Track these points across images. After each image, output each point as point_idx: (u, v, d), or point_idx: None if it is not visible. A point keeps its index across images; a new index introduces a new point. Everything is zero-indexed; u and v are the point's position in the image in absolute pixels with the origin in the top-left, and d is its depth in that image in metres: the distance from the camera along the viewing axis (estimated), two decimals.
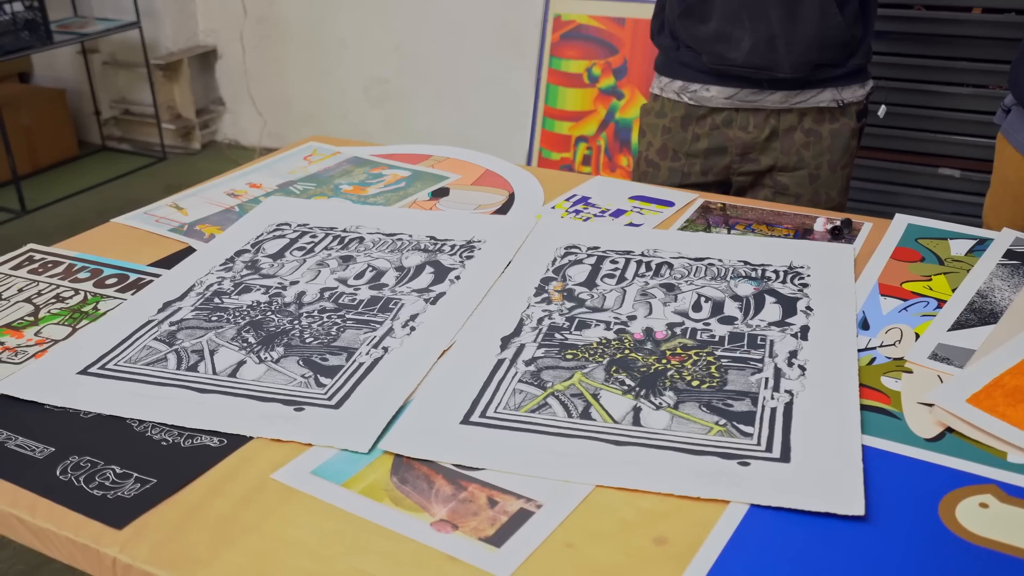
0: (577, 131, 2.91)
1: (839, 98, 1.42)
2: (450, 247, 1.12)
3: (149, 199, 1.39)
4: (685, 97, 1.48)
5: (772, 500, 0.67)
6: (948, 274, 1.02)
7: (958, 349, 0.87)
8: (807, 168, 1.45)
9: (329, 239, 1.15)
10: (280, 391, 0.83)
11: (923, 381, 0.83)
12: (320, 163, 1.44)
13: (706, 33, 1.40)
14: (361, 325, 0.95)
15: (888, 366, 0.85)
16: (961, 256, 1.06)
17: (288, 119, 3.77)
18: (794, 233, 1.15)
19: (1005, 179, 1.30)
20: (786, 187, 1.47)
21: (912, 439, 0.75)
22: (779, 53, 1.36)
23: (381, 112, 3.51)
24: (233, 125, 4.00)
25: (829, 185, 1.47)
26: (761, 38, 1.36)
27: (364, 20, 3.37)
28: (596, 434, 0.76)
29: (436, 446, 0.75)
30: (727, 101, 1.44)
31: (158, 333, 0.94)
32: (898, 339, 0.90)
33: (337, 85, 3.58)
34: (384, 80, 3.44)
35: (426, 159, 1.45)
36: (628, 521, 0.67)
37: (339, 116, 3.62)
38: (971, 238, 1.10)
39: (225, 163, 3.78)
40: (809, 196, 1.46)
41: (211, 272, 1.07)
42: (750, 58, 1.37)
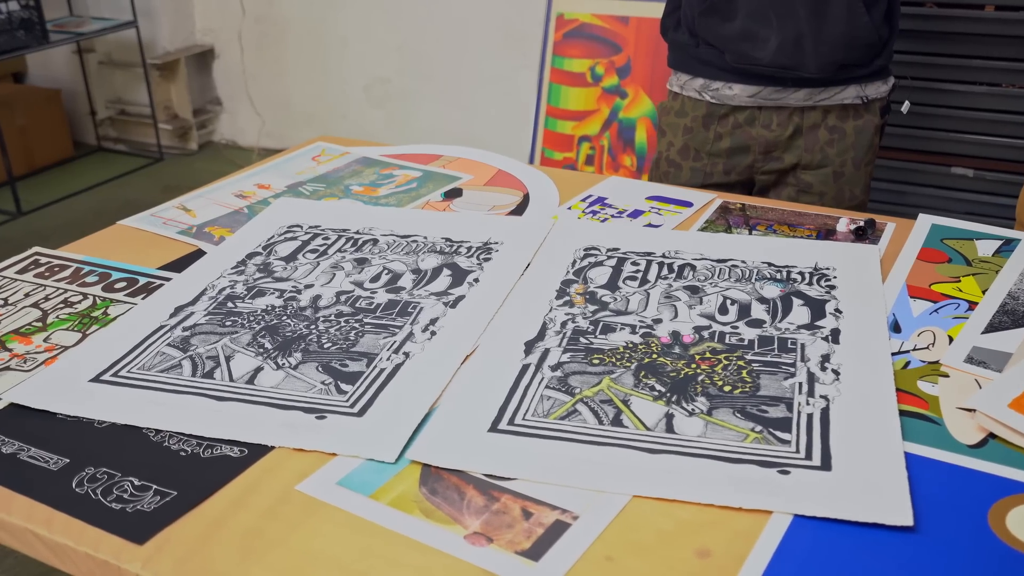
0: (580, 131, 2.89)
1: (863, 95, 1.40)
2: (467, 249, 1.10)
3: (147, 200, 1.36)
4: (707, 95, 1.45)
5: (817, 510, 0.65)
6: (976, 275, 1.00)
7: (994, 352, 0.85)
8: (831, 166, 1.43)
9: (342, 241, 1.13)
10: (300, 399, 0.81)
11: (961, 385, 0.81)
12: (329, 164, 1.41)
13: (731, 31, 1.38)
14: (380, 330, 0.92)
15: (923, 370, 0.83)
16: (988, 257, 1.04)
17: (287, 119, 3.75)
18: (817, 234, 1.13)
19: None
20: (810, 185, 1.45)
21: (954, 445, 0.73)
22: (806, 52, 1.34)
23: (382, 112, 3.48)
24: (231, 125, 3.97)
25: (853, 183, 1.45)
26: (788, 37, 1.34)
27: (366, 19, 3.34)
28: (630, 442, 0.74)
29: (465, 455, 0.73)
30: (750, 99, 1.42)
31: (171, 339, 0.92)
32: (931, 342, 0.88)
33: (338, 85, 3.55)
34: (386, 80, 3.41)
35: (436, 159, 1.43)
36: (669, 532, 0.64)
37: (339, 116, 3.59)
38: (997, 238, 1.09)
39: (223, 164, 3.75)
40: (833, 194, 1.44)
41: (223, 276, 1.05)
42: (777, 57, 1.35)
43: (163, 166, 3.86)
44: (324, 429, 0.77)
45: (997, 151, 2.04)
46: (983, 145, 2.04)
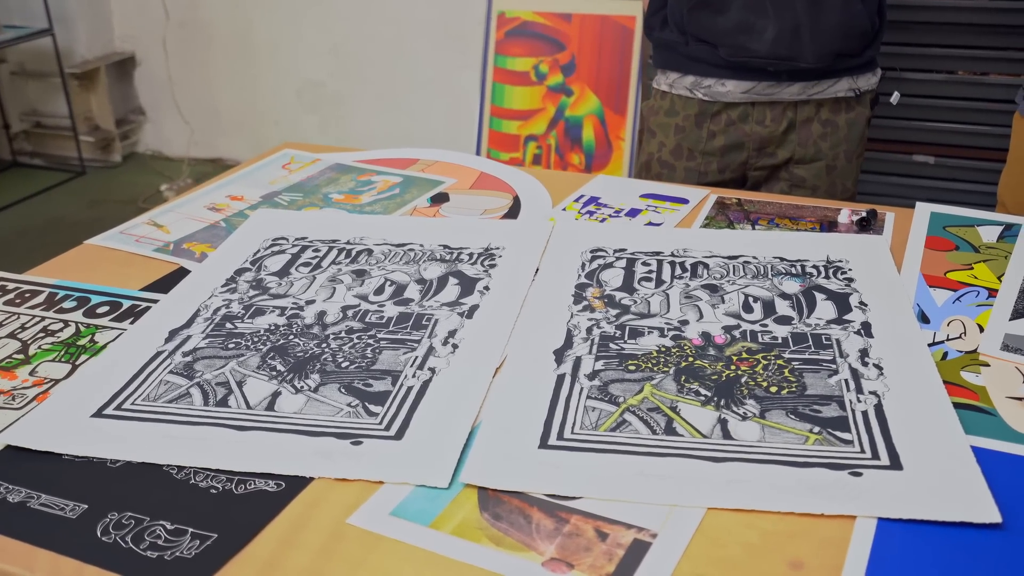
0: (526, 130, 2.86)
1: (855, 87, 1.40)
2: (468, 256, 1.06)
3: (73, 216, 1.29)
4: (699, 93, 1.43)
5: (902, 512, 0.63)
6: (987, 261, 1.00)
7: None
8: (824, 159, 1.42)
9: (335, 253, 1.08)
10: (329, 424, 0.76)
11: (1003, 374, 0.80)
12: (301, 171, 1.35)
13: (725, 25, 1.36)
14: (398, 345, 0.88)
15: (963, 360, 0.82)
16: (994, 243, 1.04)
17: (217, 127, 3.63)
18: (819, 226, 1.12)
19: (1020, 159, 1.30)
20: (803, 179, 1.44)
21: (1014, 435, 0.72)
22: (804, 42, 1.33)
23: (317, 117, 3.40)
24: (156, 135, 3.83)
25: (845, 175, 1.45)
26: (786, 27, 1.32)
27: (296, 21, 3.25)
28: (690, 451, 0.71)
29: (522, 475, 0.69)
30: (744, 95, 1.40)
31: (173, 365, 0.85)
32: (962, 331, 0.87)
33: (268, 90, 3.45)
34: (319, 83, 3.33)
35: (414, 163, 1.38)
36: (755, 546, 0.61)
37: (271, 122, 3.49)
38: (997, 224, 1.09)
39: (150, 175, 3.62)
40: (826, 187, 1.44)
41: (214, 295, 0.98)
42: (775, 48, 1.34)
43: (86, 180, 3.70)
44: (363, 455, 0.72)
45: (957, 138, 2.08)
46: (943, 132, 2.08)
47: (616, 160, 2.76)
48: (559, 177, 1.31)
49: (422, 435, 0.74)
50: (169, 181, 3.49)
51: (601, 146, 2.77)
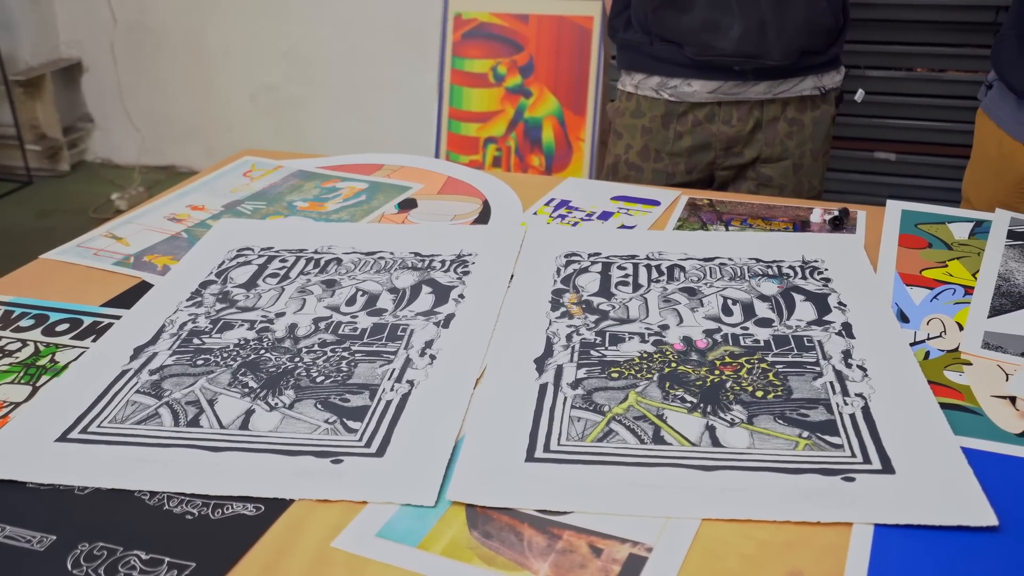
0: (485, 132, 2.84)
1: (820, 85, 1.40)
2: (440, 263, 1.04)
3: (21, 227, 1.25)
4: (665, 94, 1.42)
5: (899, 518, 0.62)
6: (961, 259, 1.01)
7: (1007, 336, 0.85)
8: (791, 158, 1.42)
9: (303, 262, 1.05)
10: (307, 442, 0.73)
11: (986, 372, 0.80)
12: (264, 179, 1.32)
13: (690, 23, 1.35)
14: (373, 357, 0.85)
15: (945, 359, 0.82)
16: (966, 240, 1.05)
17: (168, 134, 3.56)
18: (792, 226, 1.11)
19: (986, 155, 1.31)
20: (770, 178, 1.44)
21: (1001, 435, 0.72)
22: (769, 40, 1.32)
23: (271, 121, 3.35)
24: (105, 143, 3.74)
25: (811, 174, 1.45)
26: (752, 25, 1.32)
27: (248, 24, 3.20)
28: (680, 460, 0.70)
29: (510, 491, 0.67)
30: (710, 95, 1.39)
31: (139, 385, 0.82)
32: (942, 330, 0.87)
33: (221, 95, 3.39)
34: (273, 87, 3.28)
35: (379, 169, 1.35)
36: (754, 556, 0.60)
37: (224, 128, 3.43)
38: (968, 220, 1.10)
39: (100, 184, 3.54)
40: (793, 186, 1.44)
41: (179, 309, 0.95)
42: (741, 46, 1.33)
43: (33, 190, 3.60)
44: (345, 474, 0.69)
45: (918, 134, 2.11)
46: (904, 129, 2.10)
47: (577, 162, 2.75)
48: (527, 180, 1.29)
49: (404, 451, 0.72)
50: (120, 190, 3.41)
51: (561, 147, 2.76)
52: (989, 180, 1.30)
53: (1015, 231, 1.05)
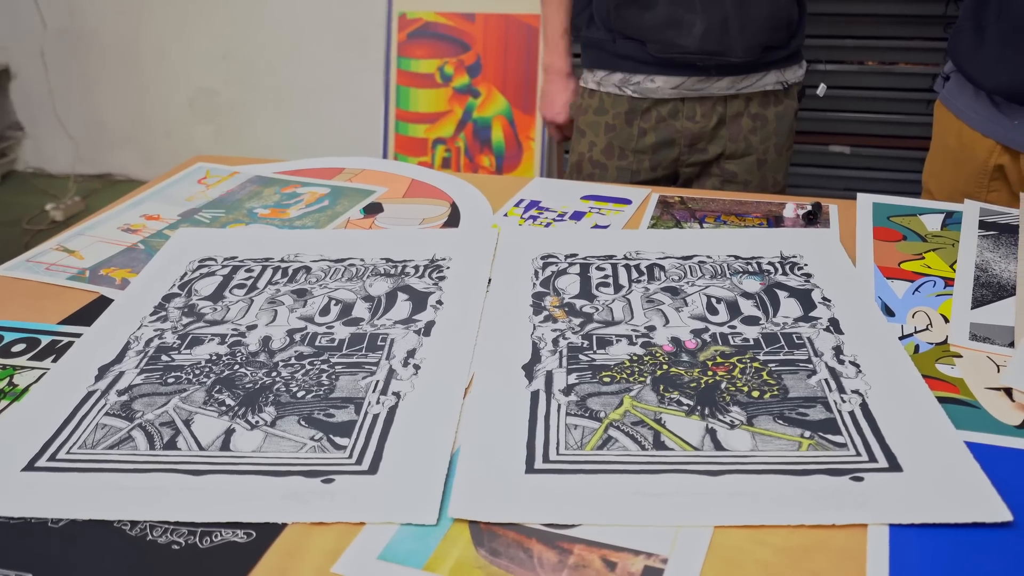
0: (434, 133, 2.81)
1: (783, 80, 1.40)
2: (414, 268, 1.01)
3: None
4: (628, 90, 1.40)
5: (913, 517, 0.61)
6: (936, 250, 1.01)
7: (993, 327, 0.85)
8: (755, 153, 1.41)
9: (270, 272, 1.01)
10: (294, 461, 0.70)
11: (977, 365, 0.80)
12: (220, 186, 1.27)
13: (652, 20, 1.33)
14: (355, 369, 0.82)
15: (935, 352, 0.82)
16: (939, 231, 1.05)
17: (103, 141, 3.45)
18: (766, 222, 1.11)
19: (945, 146, 1.32)
20: (734, 174, 1.43)
21: (1000, 428, 0.71)
22: (732, 36, 1.32)
23: (211, 126, 3.26)
24: (36, 152, 3.61)
25: (775, 169, 1.44)
26: (715, 22, 1.31)
27: (184, 27, 3.11)
28: (684, 465, 0.68)
29: (514, 505, 0.64)
30: (673, 91, 1.38)
31: (108, 407, 0.78)
32: (928, 323, 0.87)
33: (158, 100, 3.29)
34: (213, 91, 3.19)
35: (339, 172, 1.31)
36: (771, 563, 0.59)
37: (162, 134, 3.34)
38: (939, 212, 1.10)
39: (33, 194, 3.41)
40: (757, 182, 1.44)
41: (143, 325, 0.91)
42: (704, 43, 1.32)
43: None
44: (337, 494, 0.66)
45: (871, 127, 2.13)
46: (858, 122, 2.12)
47: (527, 161, 2.73)
48: (492, 182, 1.27)
49: (398, 467, 0.69)
50: (55, 200, 3.29)
51: (511, 147, 2.74)
52: (950, 171, 1.32)
53: (986, 221, 1.05)
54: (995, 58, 1.20)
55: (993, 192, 1.27)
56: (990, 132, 1.25)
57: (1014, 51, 1.17)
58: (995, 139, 1.24)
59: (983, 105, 1.26)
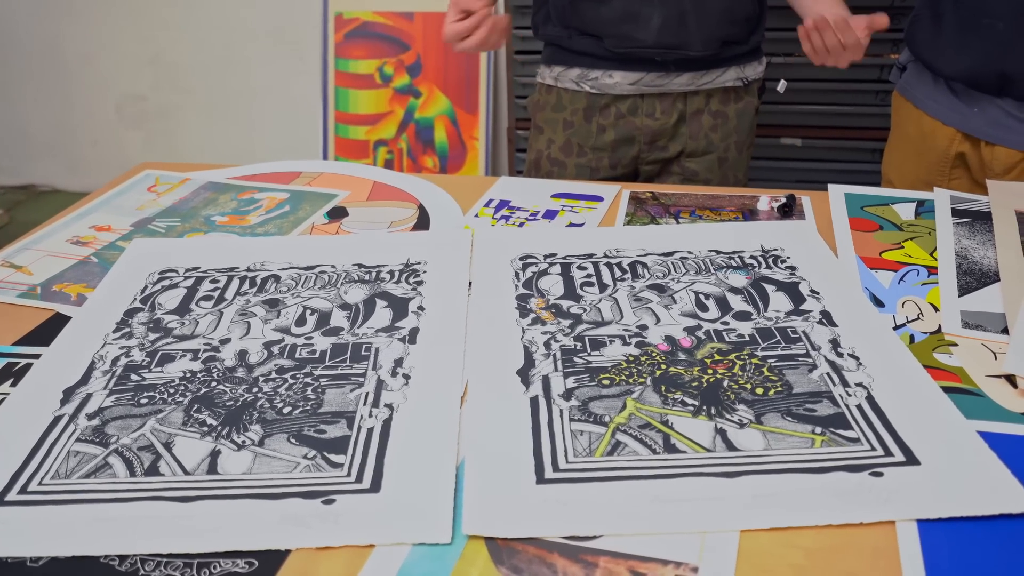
0: (375, 135, 2.76)
1: (743, 76, 1.39)
2: (389, 274, 0.97)
3: None
4: (586, 86, 1.38)
5: (940, 512, 0.60)
6: (914, 239, 1.01)
7: (983, 314, 0.85)
8: (716, 151, 1.40)
9: (237, 282, 0.96)
10: (289, 482, 0.66)
11: (974, 352, 0.80)
12: (171, 193, 1.21)
13: (609, 15, 1.31)
14: (341, 381, 0.78)
15: (931, 341, 0.81)
16: (914, 220, 1.05)
17: (25, 150, 3.30)
18: (742, 215, 1.10)
19: (905, 135, 1.33)
20: (695, 173, 1.42)
21: (1007, 415, 0.71)
22: (690, 30, 1.30)
23: (140, 133, 3.15)
24: None
25: (736, 167, 1.43)
26: (672, 14, 1.29)
27: (109, 30, 3.00)
28: (699, 468, 0.66)
29: (529, 518, 0.61)
30: (632, 87, 1.36)
31: (79, 432, 0.72)
32: (919, 312, 0.86)
33: (82, 107, 3.17)
34: (141, 97, 3.09)
35: (297, 176, 1.27)
36: (804, 567, 0.57)
37: (89, 142, 3.22)
38: (910, 200, 1.10)
39: None
40: (718, 180, 1.42)
41: (108, 343, 0.85)
42: (661, 37, 1.30)
43: None
44: (341, 516, 0.62)
45: (822, 119, 2.15)
46: (808, 114, 2.14)
47: (471, 161, 2.70)
48: (457, 182, 1.23)
49: (401, 484, 0.65)
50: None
51: (455, 147, 2.70)
52: (911, 160, 1.33)
53: (958, 209, 1.06)
54: (954, 45, 1.21)
55: (955, 180, 1.28)
56: (950, 120, 1.26)
57: (974, 36, 1.18)
58: (955, 127, 1.26)
59: (942, 94, 1.27)
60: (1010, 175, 1.22)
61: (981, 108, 1.22)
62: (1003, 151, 1.21)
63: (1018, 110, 1.19)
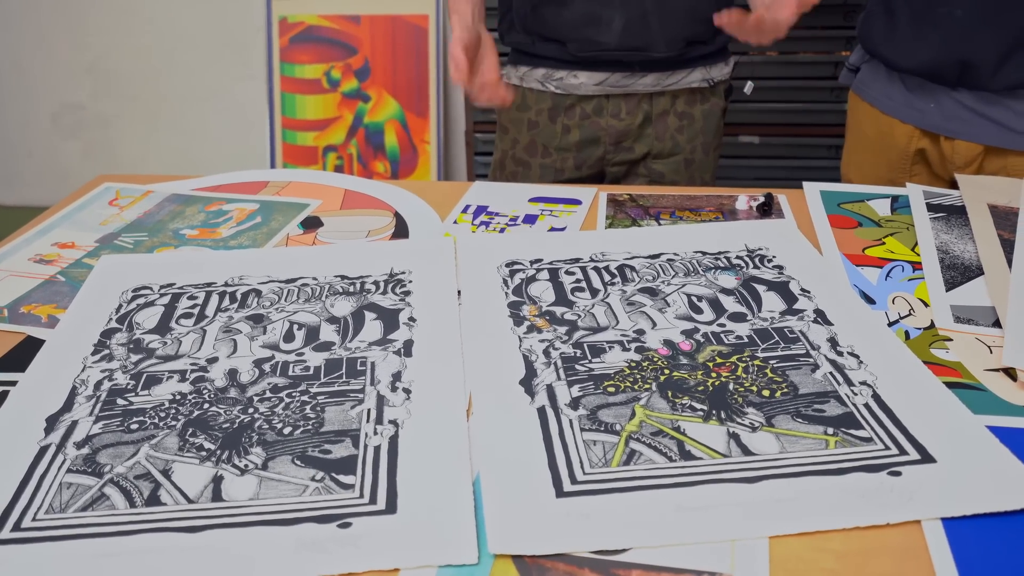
0: (324, 140, 2.72)
1: (709, 77, 1.39)
2: (374, 284, 0.95)
3: None
4: (551, 86, 1.37)
5: (965, 509, 0.61)
6: (894, 234, 1.02)
7: (973, 308, 0.86)
8: (682, 153, 1.40)
9: (216, 298, 0.93)
10: (300, 506, 0.64)
11: (969, 347, 0.80)
12: (135, 207, 1.17)
13: (571, 18, 1.30)
14: (340, 398, 0.76)
15: (926, 337, 0.82)
16: (891, 216, 1.07)
17: None
18: (721, 215, 1.10)
19: (863, 134, 1.35)
20: (662, 175, 1.41)
21: (1010, 409, 0.72)
22: (653, 31, 1.29)
23: (78, 143, 3.06)
24: None
25: (703, 169, 1.43)
26: (634, 15, 1.28)
27: (44, 37, 2.90)
28: (718, 474, 0.65)
29: (557, 534, 0.60)
30: (597, 88, 1.35)
31: (70, 462, 0.69)
32: (910, 309, 0.87)
33: (16, 117, 3.07)
34: (78, 106, 3.00)
35: (264, 186, 1.23)
36: (838, 571, 0.57)
37: (23, 153, 3.11)
38: (884, 196, 1.12)
39: None
40: (685, 182, 1.42)
41: (87, 366, 0.82)
42: (624, 39, 1.29)
43: None
44: (360, 540, 0.60)
45: (778, 116, 2.17)
46: (765, 112, 2.16)
47: (423, 165, 2.68)
48: (431, 188, 1.22)
49: (418, 503, 0.63)
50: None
51: (406, 151, 2.68)
52: (870, 159, 1.34)
53: (932, 204, 1.07)
54: (910, 38, 1.22)
55: (915, 176, 1.30)
56: (908, 117, 1.28)
57: (930, 27, 1.19)
58: (913, 124, 1.28)
59: (898, 91, 1.29)
60: (971, 167, 1.25)
61: (937, 103, 1.24)
62: (963, 144, 1.23)
63: (974, 102, 1.22)
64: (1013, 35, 1.13)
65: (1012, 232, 0.98)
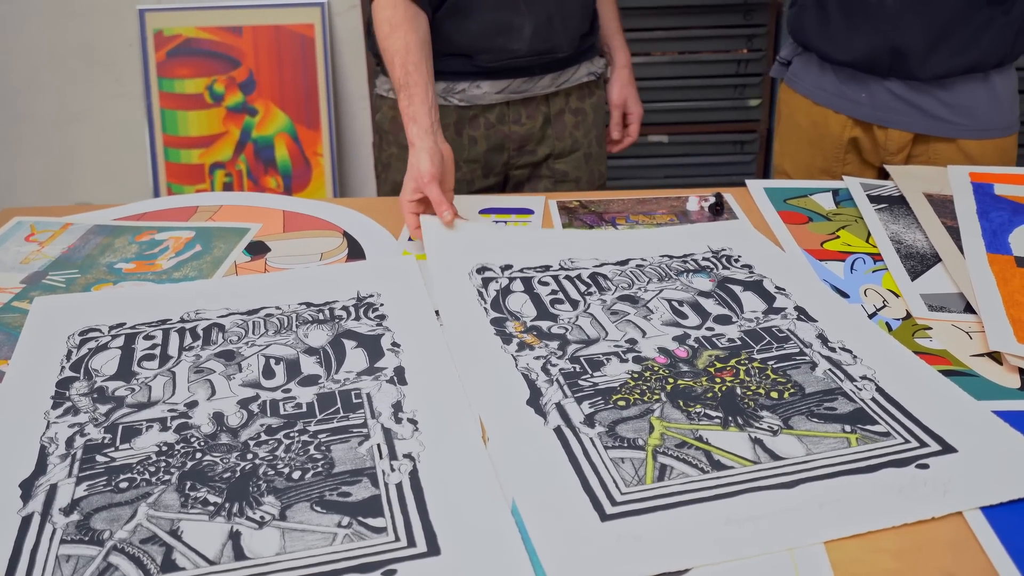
0: (210, 157, 2.60)
1: (593, 71, 1.40)
2: (344, 310, 0.91)
3: None
4: (454, 99, 1.33)
5: (1002, 495, 0.63)
6: (845, 227, 1.05)
7: (942, 295, 0.89)
8: (581, 149, 1.40)
9: (177, 336, 0.87)
10: (335, 557, 0.60)
11: (950, 334, 0.83)
12: (56, 242, 1.09)
13: (478, 29, 1.26)
14: (344, 435, 0.72)
15: (907, 327, 0.85)
16: (837, 209, 1.10)
17: None
18: (676, 217, 1.11)
19: (796, 126, 1.38)
20: (565, 173, 1.40)
21: (1003, 392, 0.75)
22: (557, 32, 1.29)
23: None
24: None
25: (598, 161, 1.44)
26: (541, 20, 1.27)
27: None
28: (756, 482, 0.65)
29: (613, 560, 0.59)
30: (500, 95, 1.32)
31: (61, 532, 0.63)
32: (883, 300, 0.90)
33: None
34: None
35: (194, 212, 1.17)
36: (900, 570, 0.57)
37: None
38: (825, 190, 1.15)
39: None
40: (586, 177, 1.42)
41: (51, 422, 0.75)
42: (534, 44, 1.28)
43: None
44: None
45: (685, 115, 2.21)
46: (671, 111, 2.19)
47: (317, 179, 2.61)
48: (373, 205, 1.18)
49: (461, 541, 0.61)
50: None
51: (299, 165, 2.60)
52: (804, 149, 1.38)
53: (872, 195, 1.11)
54: (844, 29, 1.27)
55: (847, 164, 1.35)
56: (841, 108, 1.33)
57: (862, 18, 1.24)
58: (847, 114, 1.32)
59: (830, 82, 1.33)
60: (903, 154, 1.30)
61: (869, 93, 1.29)
62: (895, 133, 1.29)
63: (905, 91, 1.27)
64: (939, 25, 1.19)
65: (953, 219, 1.03)
